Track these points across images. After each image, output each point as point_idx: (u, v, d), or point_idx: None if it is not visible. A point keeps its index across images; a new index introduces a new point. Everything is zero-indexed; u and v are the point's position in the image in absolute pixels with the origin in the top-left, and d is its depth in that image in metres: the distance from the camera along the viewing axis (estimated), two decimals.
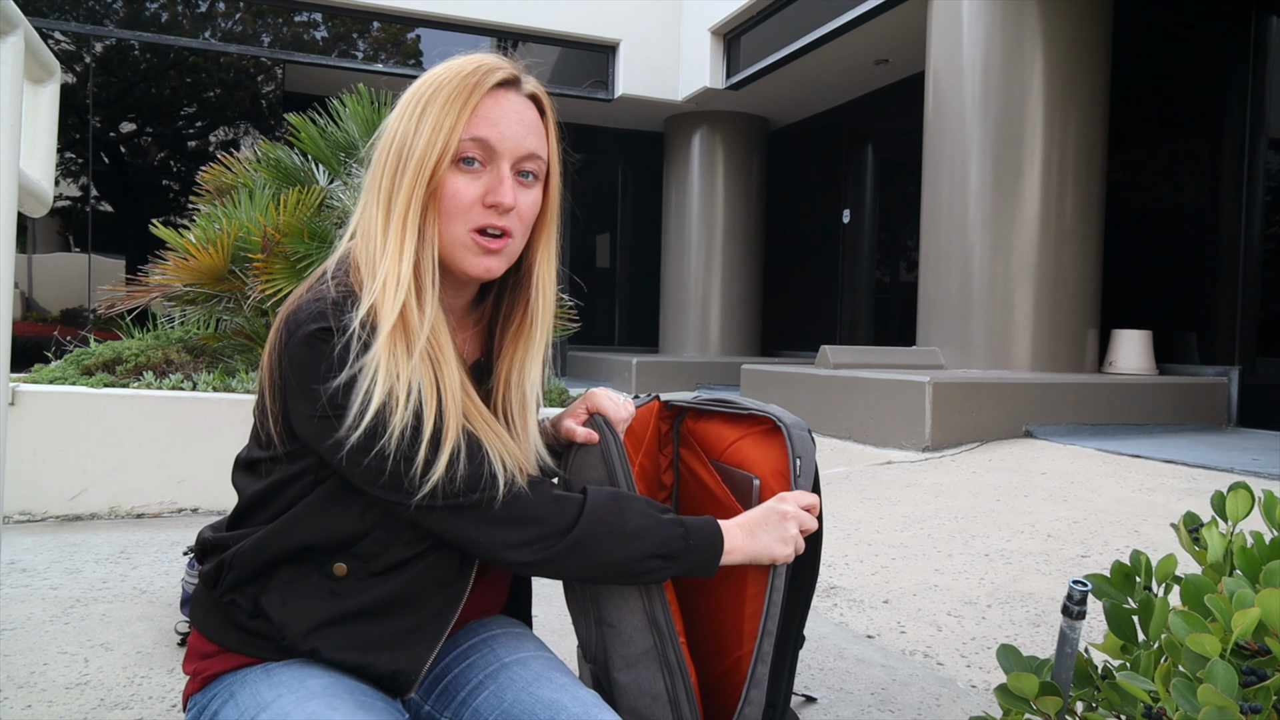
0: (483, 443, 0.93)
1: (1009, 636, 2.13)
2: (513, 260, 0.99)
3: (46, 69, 1.13)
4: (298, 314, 0.91)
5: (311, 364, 0.88)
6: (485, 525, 0.92)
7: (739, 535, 1.01)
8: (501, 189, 0.93)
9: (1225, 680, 0.70)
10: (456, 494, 0.90)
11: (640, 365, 8.05)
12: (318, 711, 0.88)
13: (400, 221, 0.92)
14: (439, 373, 0.92)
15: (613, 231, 10.56)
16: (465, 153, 0.93)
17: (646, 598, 1.03)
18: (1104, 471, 3.61)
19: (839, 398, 4.83)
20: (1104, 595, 0.98)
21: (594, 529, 0.94)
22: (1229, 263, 5.20)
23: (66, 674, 1.79)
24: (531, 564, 0.94)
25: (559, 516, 0.94)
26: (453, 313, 1.04)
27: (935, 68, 5.38)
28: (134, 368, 3.67)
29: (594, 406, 1.10)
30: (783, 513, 1.02)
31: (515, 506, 0.93)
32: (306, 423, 0.90)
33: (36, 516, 3.19)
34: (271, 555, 0.95)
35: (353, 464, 0.89)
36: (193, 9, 7.77)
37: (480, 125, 0.93)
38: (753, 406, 1.14)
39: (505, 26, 8.29)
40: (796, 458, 1.07)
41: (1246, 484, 0.98)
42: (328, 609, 0.95)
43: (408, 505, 0.90)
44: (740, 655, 1.07)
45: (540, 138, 0.98)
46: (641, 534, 0.95)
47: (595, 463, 1.06)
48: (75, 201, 7.54)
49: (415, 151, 0.92)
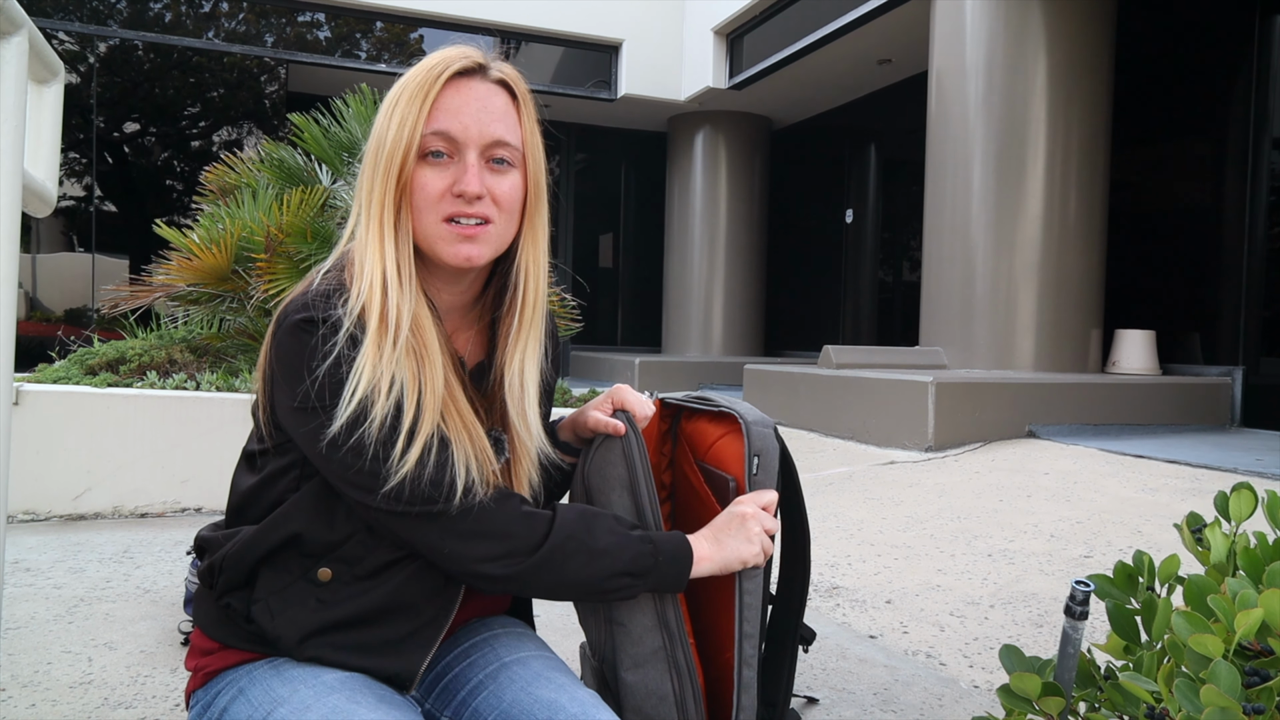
0: (450, 446, 0.92)
1: (1011, 637, 2.13)
2: (499, 248, 0.99)
3: (51, 69, 1.13)
4: (288, 306, 0.93)
5: (295, 353, 0.90)
6: (450, 537, 0.91)
7: (706, 545, 1.01)
8: (466, 178, 0.93)
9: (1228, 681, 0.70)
10: (416, 499, 0.90)
11: (643, 365, 8.05)
12: (340, 705, 0.88)
13: (378, 218, 0.93)
14: (421, 367, 0.93)
15: (615, 231, 10.56)
16: (429, 146, 0.94)
17: (658, 597, 1.03)
18: (1107, 472, 3.61)
19: (842, 398, 4.83)
20: (1107, 596, 0.98)
21: (563, 546, 0.93)
22: (1233, 262, 5.19)
23: (70, 673, 1.79)
24: (500, 579, 0.93)
25: (527, 533, 0.93)
26: (455, 311, 1.05)
27: (938, 67, 5.38)
28: (137, 367, 3.68)
29: (619, 402, 1.10)
30: (742, 515, 1.02)
31: (483, 520, 0.92)
32: (288, 413, 0.92)
33: (40, 516, 3.20)
34: (258, 555, 0.95)
35: (328, 456, 0.90)
36: (196, 9, 7.79)
37: (440, 118, 0.94)
38: (723, 404, 1.13)
39: (508, 26, 8.30)
40: (754, 455, 1.06)
41: (1250, 484, 0.98)
42: (318, 618, 0.95)
43: (372, 506, 0.90)
44: (729, 657, 1.07)
45: (511, 123, 0.97)
46: (610, 551, 0.95)
47: (615, 459, 1.06)
48: (79, 201, 7.56)
49: (386, 149, 0.93)
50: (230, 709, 0.93)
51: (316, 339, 0.89)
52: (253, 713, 0.91)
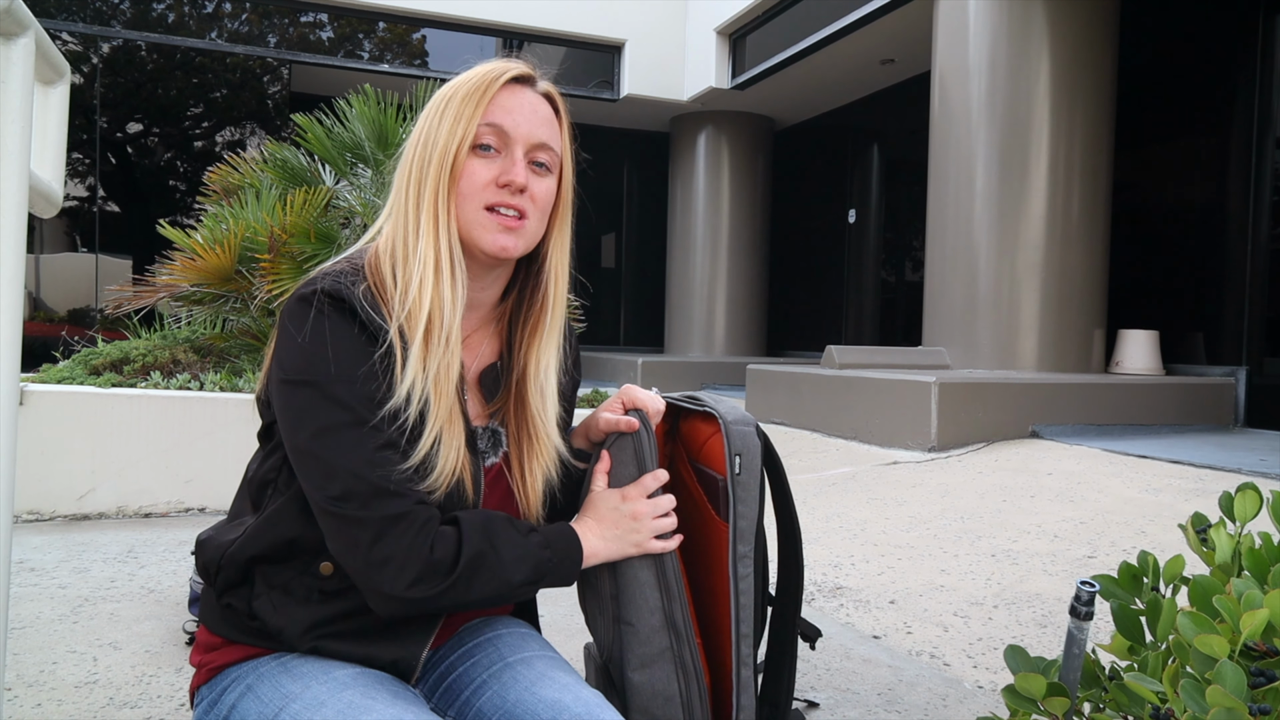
0: (439, 446, 0.93)
1: (1016, 637, 2.13)
2: (531, 244, 1.03)
3: (57, 70, 1.13)
4: (306, 279, 0.96)
5: (299, 319, 0.92)
6: (359, 554, 0.89)
7: (596, 541, 1.03)
8: (514, 170, 0.99)
9: (1234, 681, 0.70)
10: (374, 500, 0.88)
11: (646, 365, 8.06)
12: (355, 700, 0.88)
13: (431, 205, 0.98)
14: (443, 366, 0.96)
15: (618, 231, 10.56)
16: (482, 138, 0.99)
17: (666, 598, 1.03)
18: (1110, 472, 3.60)
19: (845, 398, 4.83)
20: (1111, 596, 0.98)
21: (472, 564, 0.92)
22: (1236, 262, 5.19)
23: (75, 672, 1.80)
24: (412, 601, 0.90)
25: (439, 555, 0.91)
26: (478, 309, 1.06)
27: (941, 67, 5.37)
28: (141, 367, 3.69)
29: (631, 401, 1.11)
30: (632, 513, 1.03)
31: (387, 544, 0.88)
32: (275, 385, 0.93)
33: (45, 516, 3.20)
34: (254, 555, 0.96)
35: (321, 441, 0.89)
36: (199, 10, 7.80)
37: (495, 113, 0.99)
38: (706, 404, 1.13)
39: (511, 27, 8.30)
40: (735, 455, 1.06)
41: (1254, 485, 0.98)
42: (321, 610, 0.96)
43: (329, 499, 0.89)
44: (729, 657, 1.07)
45: (554, 131, 1.04)
46: (517, 562, 0.95)
47: (627, 459, 1.06)
48: (82, 202, 7.57)
49: (438, 145, 0.98)
50: (239, 705, 0.93)
51: (325, 313, 0.92)
52: (264, 709, 0.91)
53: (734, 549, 1.05)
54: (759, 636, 1.12)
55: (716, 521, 1.08)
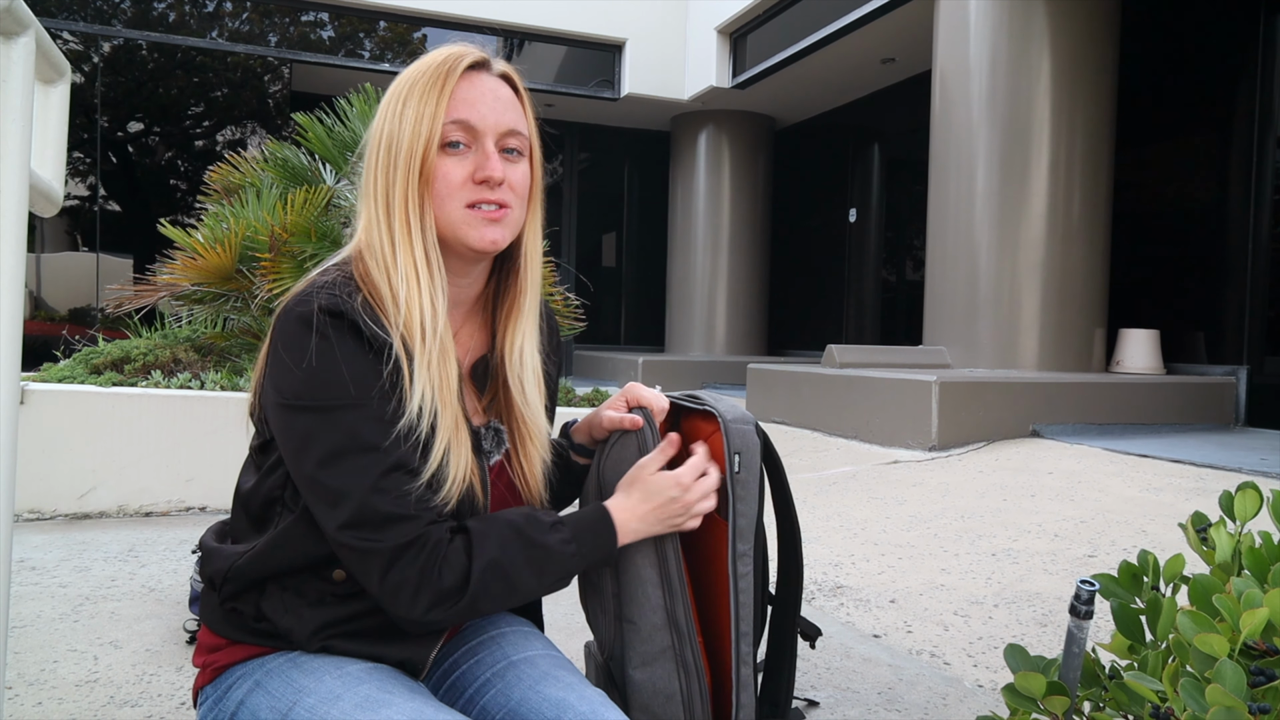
0: (449, 456, 0.92)
1: (1015, 636, 2.13)
2: (516, 232, 1.02)
3: (57, 69, 1.13)
4: (289, 300, 0.94)
5: (300, 341, 0.89)
6: (373, 581, 0.88)
7: (635, 524, 1.01)
8: (489, 164, 0.96)
9: (1233, 680, 0.70)
10: (388, 527, 0.87)
11: (646, 364, 8.06)
12: (372, 694, 0.88)
13: (402, 212, 0.95)
14: (443, 374, 0.94)
15: (618, 231, 10.56)
16: (449, 136, 0.96)
17: (669, 597, 1.03)
18: (1111, 471, 3.60)
19: (845, 397, 4.83)
20: (1111, 595, 0.98)
21: (485, 581, 0.91)
22: (1237, 261, 5.18)
23: (76, 671, 1.80)
24: (433, 622, 0.90)
25: (448, 582, 0.90)
26: (463, 304, 1.06)
27: (942, 66, 5.37)
28: (142, 367, 3.69)
29: (634, 399, 1.11)
30: (684, 502, 1.03)
31: (400, 570, 0.88)
32: (274, 408, 0.92)
33: (45, 515, 3.20)
34: (263, 574, 0.95)
35: (328, 467, 0.88)
36: (200, 9, 7.80)
37: (459, 108, 0.96)
38: (706, 402, 1.13)
39: (511, 26, 8.30)
40: (735, 453, 1.06)
41: (1255, 484, 0.98)
42: (334, 612, 0.95)
43: (329, 527, 0.88)
44: (728, 656, 1.07)
45: (519, 114, 1.01)
46: (536, 564, 0.94)
47: (631, 457, 1.06)
48: (83, 201, 7.57)
49: (402, 146, 0.95)
50: (248, 701, 0.92)
51: (328, 335, 0.89)
52: (275, 703, 0.90)
53: (733, 547, 1.05)
54: (759, 635, 1.12)
55: (716, 520, 1.08)
